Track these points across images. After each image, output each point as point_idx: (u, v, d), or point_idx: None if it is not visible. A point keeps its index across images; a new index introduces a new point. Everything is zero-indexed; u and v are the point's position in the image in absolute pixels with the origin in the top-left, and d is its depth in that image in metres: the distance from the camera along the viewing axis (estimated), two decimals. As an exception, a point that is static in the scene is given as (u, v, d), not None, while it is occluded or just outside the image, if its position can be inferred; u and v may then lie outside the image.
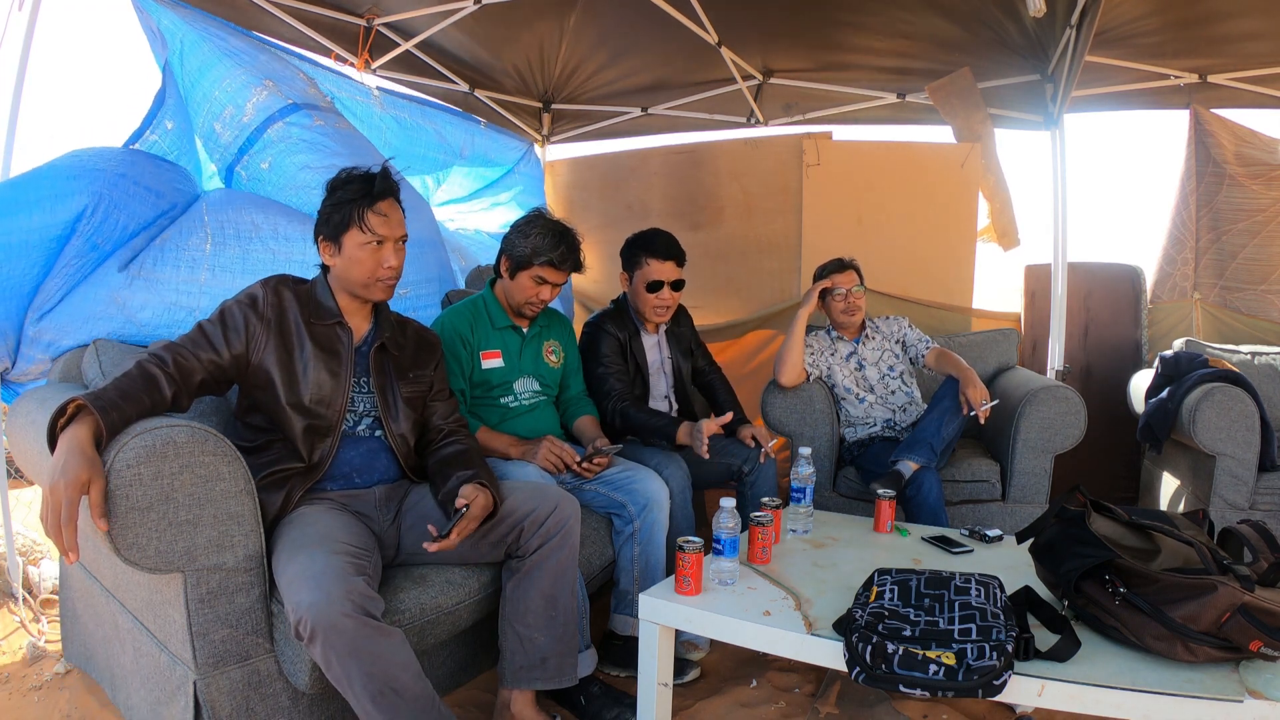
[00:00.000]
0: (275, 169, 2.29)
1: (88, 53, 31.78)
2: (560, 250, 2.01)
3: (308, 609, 1.24)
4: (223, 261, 2.05)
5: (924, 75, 3.39)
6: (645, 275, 2.34)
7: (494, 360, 2.06)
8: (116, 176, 1.94)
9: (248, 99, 2.28)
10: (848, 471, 2.60)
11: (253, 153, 2.30)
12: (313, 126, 2.34)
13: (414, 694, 1.30)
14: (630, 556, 1.95)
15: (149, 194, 2.01)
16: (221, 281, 2.04)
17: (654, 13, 3.10)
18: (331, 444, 1.56)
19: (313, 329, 1.58)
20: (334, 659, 1.25)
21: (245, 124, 2.28)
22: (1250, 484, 2.43)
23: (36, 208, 1.83)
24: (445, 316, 2.07)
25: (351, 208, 1.55)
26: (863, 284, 2.66)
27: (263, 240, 2.12)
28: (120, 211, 1.93)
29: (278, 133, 2.29)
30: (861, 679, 1.25)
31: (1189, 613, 1.23)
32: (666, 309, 2.39)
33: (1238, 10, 2.85)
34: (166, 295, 1.96)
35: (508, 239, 2.07)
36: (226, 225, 2.09)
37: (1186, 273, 3.55)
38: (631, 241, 2.41)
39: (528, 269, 2.02)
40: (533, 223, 2.05)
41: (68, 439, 1.20)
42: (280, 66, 2.47)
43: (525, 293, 2.04)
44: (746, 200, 3.78)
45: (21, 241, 1.82)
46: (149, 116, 2.25)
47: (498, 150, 3.77)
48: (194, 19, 2.31)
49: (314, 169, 2.28)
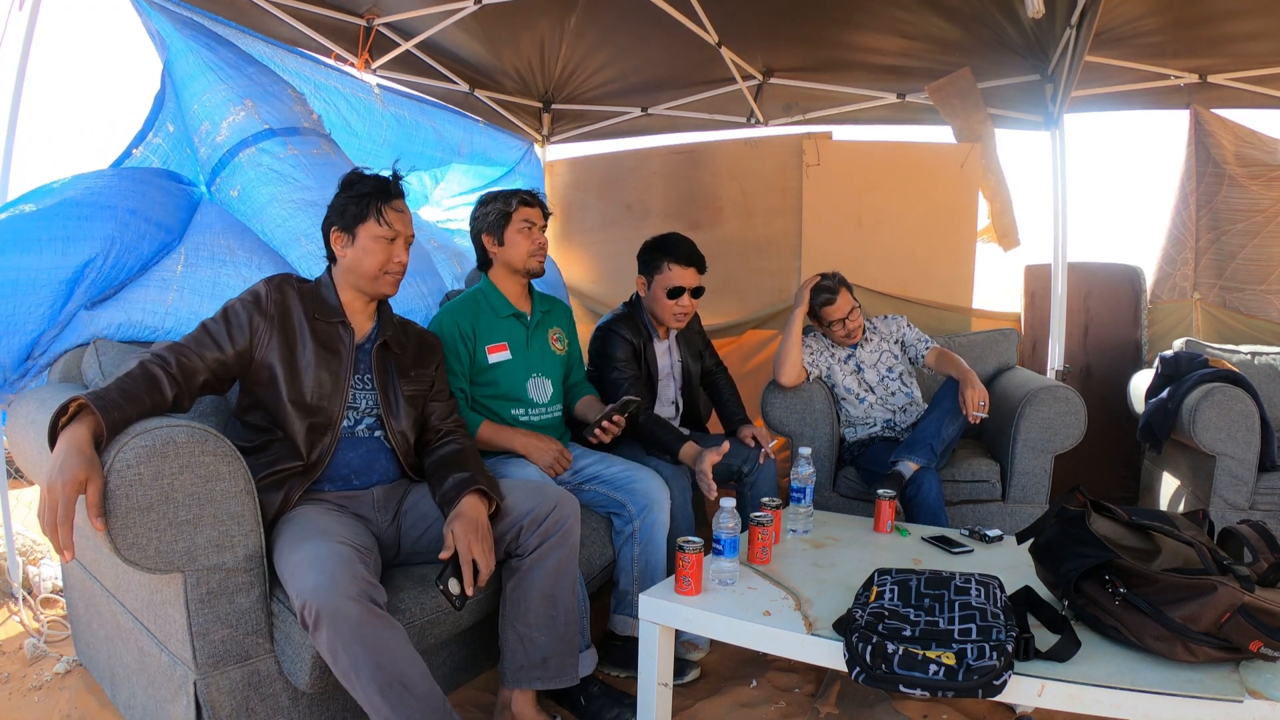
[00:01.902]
0: (244, 198, 2.27)
1: (88, 53, 31.77)
2: (520, 194, 2.06)
3: (311, 592, 1.24)
4: (192, 284, 2.03)
5: (924, 75, 3.39)
6: (666, 280, 2.32)
7: (501, 353, 2.03)
8: (128, 214, 1.95)
9: (224, 118, 2.25)
10: (848, 471, 2.60)
11: (224, 175, 2.27)
12: (284, 156, 2.30)
13: (423, 691, 1.29)
14: (630, 556, 1.95)
15: (158, 231, 2.03)
16: (189, 304, 2.01)
17: (654, 13, 3.10)
18: (330, 442, 1.56)
19: (315, 327, 1.58)
20: (340, 647, 1.24)
21: (219, 143, 2.26)
22: (1250, 484, 2.43)
23: (49, 248, 1.83)
24: (443, 314, 2.04)
25: (369, 201, 1.60)
26: (854, 295, 2.63)
27: (235, 265, 2.10)
28: (129, 254, 1.95)
29: (248, 158, 2.26)
30: (861, 679, 1.25)
31: (1189, 613, 1.23)
32: (686, 315, 2.37)
33: (1238, 10, 2.85)
34: (132, 314, 1.94)
35: (474, 221, 2.10)
36: (201, 247, 2.08)
37: (1186, 273, 3.55)
38: (652, 245, 2.38)
39: (509, 223, 2.04)
40: (483, 197, 2.11)
41: (67, 438, 1.20)
42: (267, 82, 2.41)
43: (523, 246, 2.04)
44: (746, 200, 3.78)
45: (30, 280, 1.82)
46: (149, 119, 2.25)
47: (497, 149, 3.77)
48: (184, 25, 2.28)
49: (281, 202, 2.25)
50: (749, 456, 2.30)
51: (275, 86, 2.46)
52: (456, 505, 1.54)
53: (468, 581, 1.44)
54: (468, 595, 1.44)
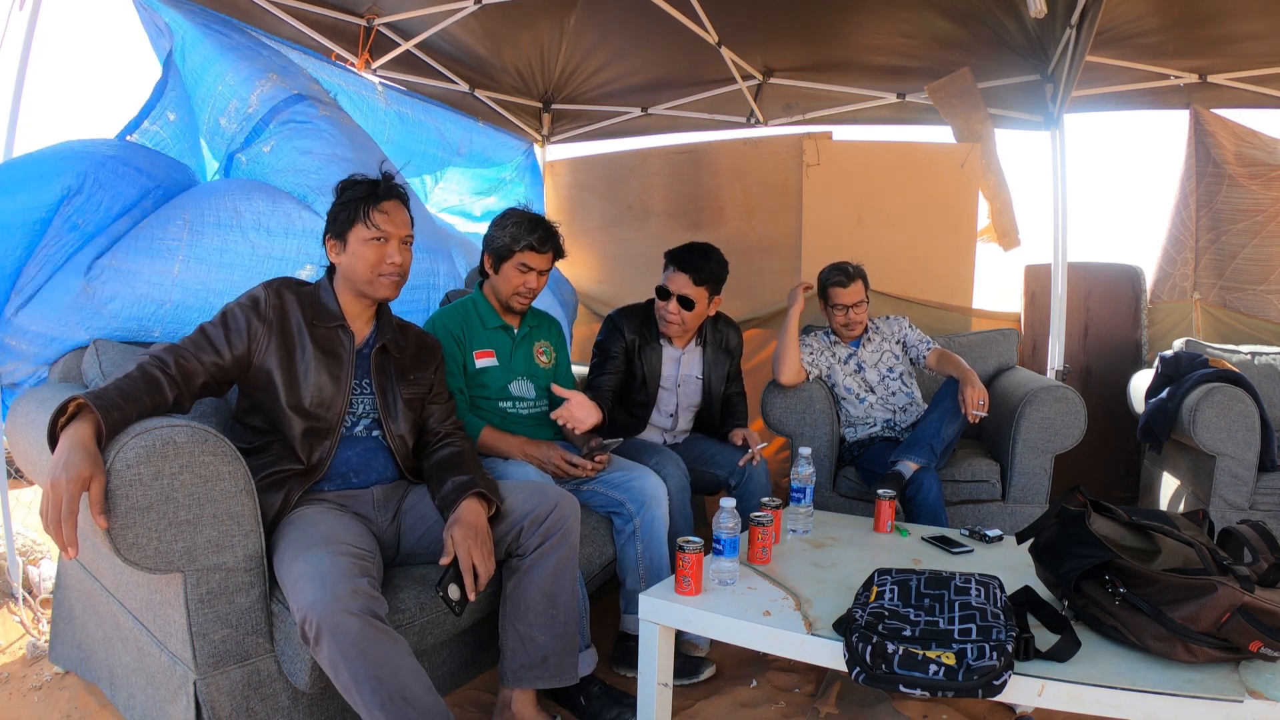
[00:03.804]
0: (276, 151, 2.25)
1: (88, 52, 31.77)
2: (539, 234, 2.02)
3: (311, 607, 1.24)
4: (198, 253, 1.96)
5: (924, 75, 3.39)
6: (661, 282, 2.33)
7: (488, 359, 2.06)
8: (104, 158, 1.89)
9: (252, 90, 2.26)
10: (848, 471, 2.60)
11: (259, 141, 2.27)
12: (318, 116, 2.32)
13: (425, 705, 1.28)
14: (634, 555, 1.95)
15: (138, 174, 1.96)
16: (195, 274, 1.95)
17: (654, 13, 3.10)
18: (330, 446, 1.56)
19: (314, 331, 1.58)
20: (341, 662, 1.24)
21: (250, 115, 2.26)
22: (1250, 484, 2.43)
23: (21, 189, 1.78)
24: (437, 316, 2.08)
25: (357, 205, 1.58)
26: (867, 290, 2.63)
27: (243, 231, 2.05)
28: (105, 192, 1.87)
29: (282, 122, 2.28)
30: (861, 679, 1.25)
31: (1189, 613, 1.23)
32: (669, 322, 2.32)
33: (1238, 10, 2.85)
34: (137, 287, 1.88)
35: (487, 236, 2.08)
36: (206, 213, 2.00)
37: (1186, 273, 3.55)
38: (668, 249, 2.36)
39: (510, 259, 2.03)
40: (507, 216, 2.07)
41: (69, 436, 1.21)
42: (284, 62, 2.46)
43: (512, 284, 2.04)
44: (746, 200, 3.78)
45: (4, 224, 1.77)
46: (148, 105, 2.22)
47: (497, 149, 3.77)
48: (195, 15, 2.31)
49: (315, 155, 2.25)
50: (733, 469, 2.27)
51: (292, 66, 2.50)
52: (456, 509, 1.53)
53: (468, 587, 1.44)
54: (468, 600, 1.44)
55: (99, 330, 1.86)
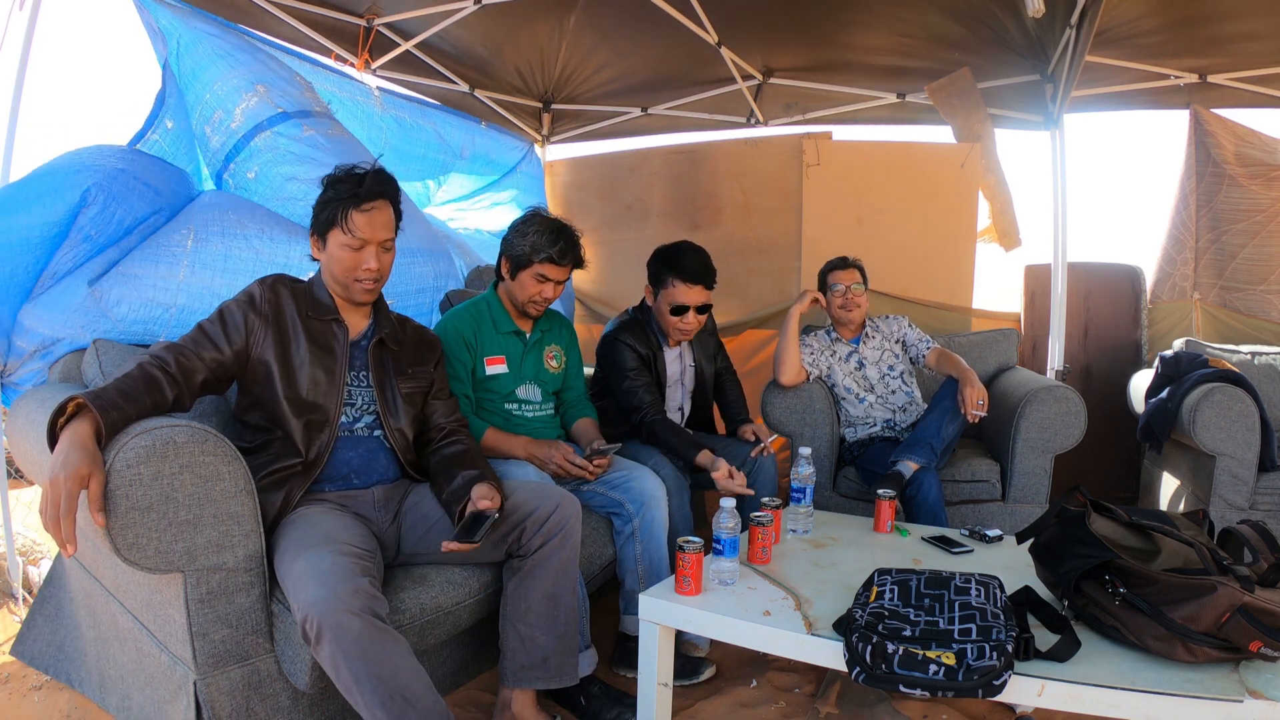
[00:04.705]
0: (261, 179, 2.25)
1: (88, 53, 31.79)
2: (559, 245, 2.00)
3: (312, 606, 1.24)
4: (204, 258, 1.99)
5: (924, 75, 3.39)
6: (670, 297, 2.29)
7: (498, 366, 2.06)
8: (116, 172, 1.91)
9: (237, 104, 2.24)
10: (848, 471, 2.60)
11: (239, 160, 2.26)
12: (301, 137, 2.29)
13: (426, 705, 1.28)
14: (633, 555, 1.95)
15: (148, 190, 1.99)
16: (201, 279, 1.97)
17: (654, 13, 3.10)
18: (328, 439, 1.57)
19: (309, 325, 1.59)
20: (342, 661, 1.24)
21: (233, 130, 2.25)
22: (1250, 484, 2.43)
23: (36, 204, 1.81)
24: (448, 319, 2.06)
25: (337, 206, 1.56)
26: (865, 284, 2.65)
27: (247, 238, 2.06)
28: (118, 205, 1.90)
29: (264, 142, 2.25)
30: (861, 679, 1.25)
31: (1189, 613, 1.23)
32: (689, 333, 2.35)
33: (1238, 10, 2.85)
34: (144, 291, 1.91)
35: (506, 240, 2.06)
36: (211, 222, 2.04)
37: (1186, 273, 3.55)
38: (660, 256, 2.34)
39: (528, 268, 2.01)
40: (529, 221, 2.04)
41: (69, 434, 1.21)
42: (277, 70, 2.44)
43: (528, 292, 2.03)
44: (746, 200, 3.78)
45: (21, 240, 1.79)
46: (151, 116, 2.25)
47: (498, 150, 3.77)
48: (191, 18, 2.30)
49: (300, 180, 2.24)
50: (744, 461, 2.28)
51: (285, 72, 2.47)
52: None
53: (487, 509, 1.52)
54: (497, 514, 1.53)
55: (105, 334, 1.88)
